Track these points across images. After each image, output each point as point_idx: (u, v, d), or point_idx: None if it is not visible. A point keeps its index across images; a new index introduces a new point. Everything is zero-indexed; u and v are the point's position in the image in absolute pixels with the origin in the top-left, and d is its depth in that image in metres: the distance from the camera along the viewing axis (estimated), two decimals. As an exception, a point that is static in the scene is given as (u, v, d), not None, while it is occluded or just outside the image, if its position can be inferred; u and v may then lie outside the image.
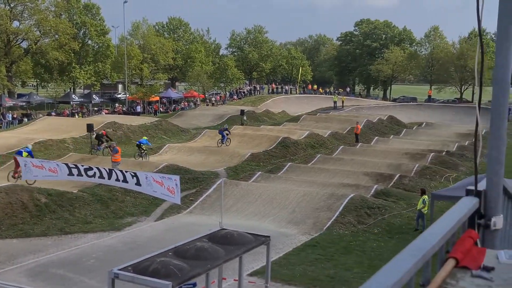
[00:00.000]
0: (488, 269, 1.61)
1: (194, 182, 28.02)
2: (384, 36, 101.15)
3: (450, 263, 1.56)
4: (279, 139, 38.19)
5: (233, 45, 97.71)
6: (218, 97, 76.39)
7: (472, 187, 1.98)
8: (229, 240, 11.46)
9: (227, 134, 39.31)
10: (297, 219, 21.79)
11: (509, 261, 1.75)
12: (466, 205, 1.86)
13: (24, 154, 27.22)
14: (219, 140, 38.93)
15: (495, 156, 1.97)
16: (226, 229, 12.23)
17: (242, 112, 52.67)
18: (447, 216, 1.73)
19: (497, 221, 1.94)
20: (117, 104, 68.47)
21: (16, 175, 25.83)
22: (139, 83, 77.12)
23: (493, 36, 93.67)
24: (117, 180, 18.76)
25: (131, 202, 24.06)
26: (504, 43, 1.94)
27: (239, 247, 11.33)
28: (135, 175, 18.16)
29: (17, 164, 25.44)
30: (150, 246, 17.12)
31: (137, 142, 34.84)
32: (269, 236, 12.18)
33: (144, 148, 33.91)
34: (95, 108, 63.23)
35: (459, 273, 1.56)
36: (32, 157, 26.58)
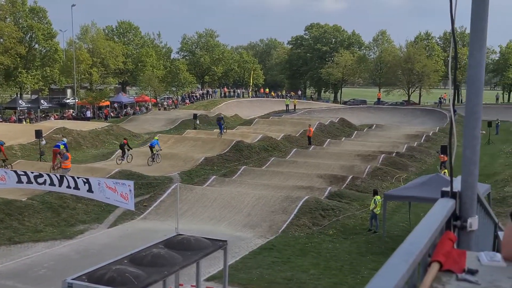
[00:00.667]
0: (473, 272, 1.59)
1: (147, 188, 27.63)
2: (333, 40, 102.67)
3: (435, 267, 1.53)
4: (233, 143, 38.10)
5: (184, 49, 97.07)
6: (170, 101, 75.66)
7: (448, 189, 1.96)
8: (185, 246, 11.29)
9: (223, 124, 43.55)
10: (252, 223, 21.76)
11: (491, 263, 1.74)
12: (444, 207, 1.84)
13: (61, 146, 30.60)
14: (218, 133, 43.21)
15: (470, 157, 1.96)
16: (182, 234, 12.06)
17: (195, 116, 52.36)
18: (428, 218, 1.70)
19: (473, 222, 1.93)
20: (66, 110, 66.80)
21: (56, 167, 29.30)
22: (89, 87, 75.50)
23: (438, 40, 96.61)
24: (68, 187, 18.25)
25: (83, 209, 23.46)
26: (477, 43, 1.93)
27: (196, 252, 11.18)
28: (87, 182, 17.70)
29: (55, 156, 30.02)
30: (104, 254, 16.71)
31: (149, 145, 35.45)
32: (226, 241, 12.07)
33: (156, 150, 34.51)
34: (44, 114, 61.44)
35: (444, 276, 1.53)
36: (67, 150, 30.61)
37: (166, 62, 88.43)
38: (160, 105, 72.97)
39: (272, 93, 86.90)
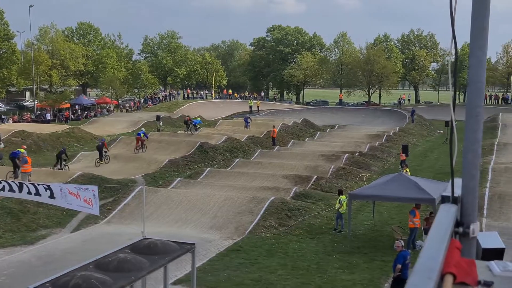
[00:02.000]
0: (489, 284, 1.49)
1: (111, 191, 27.11)
2: (295, 41, 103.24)
3: (449, 279, 1.42)
4: (197, 144, 37.81)
5: (146, 50, 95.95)
6: (132, 103, 74.66)
7: (448, 194, 1.86)
8: (152, 250, 11.06)
9: (250, 120, 50.10)
10: (219, 224, 21.59)
11: (505, 273, 1.65)
12: (448, 214, 1.74)
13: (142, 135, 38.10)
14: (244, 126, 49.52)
15: (471, 160, 1.87)
16: (149, 238, 11.81)
17: (158, 117, 51.78)
18: (438, 227, 1.60)
19: (475, 228, 1.84)
20: (25, 112, 65.05)
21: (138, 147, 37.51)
22: (48, 89, 73.74)
23: (396, 42, 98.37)
24: (29, 193, 17.62)
25: (44, 213, 22.80)
26: (478, 43, 1.84)
27: (163, 256, 10.96)
28: (48, 188, 17.14)
29: (137, 141, 38.02)
30: (68, 259, 16.23)
31: (193, 122, 46.34)
32: (194, 244, 11.89)
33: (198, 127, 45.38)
34: (1, 117, 59.66)
35: (460, 290, 1.42)
36: (147, 138, 38.94)
37: (127, 63, 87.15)
38: (122, 107, 71.89)
39: (235, 94, 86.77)
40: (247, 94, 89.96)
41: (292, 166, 33.07)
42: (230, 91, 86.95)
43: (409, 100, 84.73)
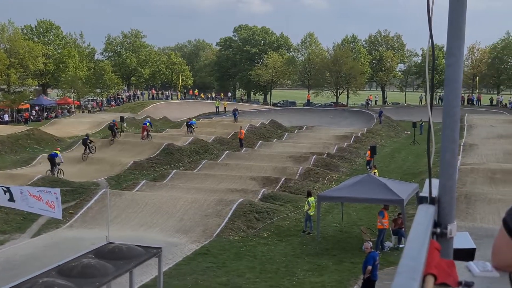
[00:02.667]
0: (469, 285, 1.51)
1: (73, 194, 26.70)
2: (262, 42, 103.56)
3: (430, 280, 1.43)
4: (163, 146, 37.56)
5: (109, 49, 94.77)
6: (95, 103, 73.61)
7: (426, 194, 1.88)
8: (117, 255, 10.91)
9: (238, 113, 52.28)
10: (186, 227, 21.47)
11: (484, 273, 1.67)
12: (428, 214, 1.75)
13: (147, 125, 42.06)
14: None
15: (448, 160, 1.89)
16: (113, 242, 11.65)
17: (122, 119, 51.09)
18: (416, 228, 1.61)
19: (453, 229, 1.86)
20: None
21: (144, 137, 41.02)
22: (6, 90, 72.03)
23: (363, 43, 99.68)
24: (-14, 196, 17.16)
25: (2, 218, 22.28)
26: (455, 42, 1.87)
27: (128, 261, 10.82)
28: (8, 190, 16.74)
29: (143, 130, 41.96)
30: (28, 265, 15.89)
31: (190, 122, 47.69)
32: (160, 248, 11.77)
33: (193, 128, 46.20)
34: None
35: (441, 291, 1.44)
36: (151, 126, 43.90)
37: (89, 63, 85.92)
38: (84, 107, 70.84)
39: (202, 95, 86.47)
40: (213, 94, 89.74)
41: (260, 168, 33.12)
42: (196, 92, 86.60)
43: (376, 101, 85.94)
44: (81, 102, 74.48)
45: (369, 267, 14.44)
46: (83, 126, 53.05)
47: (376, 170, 28.70)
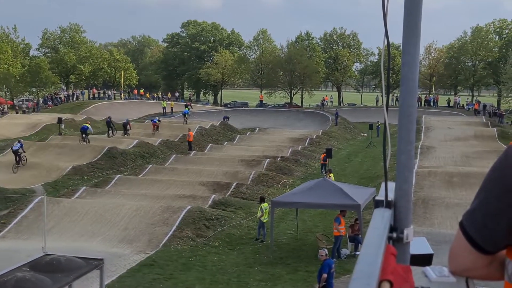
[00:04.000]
0: (426, 291, 1.55)
1: (6, 202, 26.03)
2: (212, 38, 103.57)
3: (386, 286, 1.46)
4: (105, 150, 37.02)
5: (45, 45, 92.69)
6: (30, 103, 71.74)
7: (382, 198, 1.92)
8: (55, 267, 10.71)
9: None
10: (130, 237, 21.22)
11: (441, 278, 1.71)
12: (384, 218, 1.79)
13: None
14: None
15: (405, 162, 1.94)
16: (51, 254, 11.41)
17: (60, 120, 50.00)
18: (373, 233, 1.64)
19: (409, 233, 1.90)
20: None
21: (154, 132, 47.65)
22: None
23: (318, 41, 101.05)
24: None
25: None
26: (411, 40, 1.91)
27: (68, 274, 10.64)
28: None
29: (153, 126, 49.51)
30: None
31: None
32: (102, 259, 11.62)
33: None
34: None
35: (396, 298, 1.47)
36: (159, 121, 52.39)
37: (24, 59, 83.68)
38: (18, 108, 68.86)
39: (147, 94, 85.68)
40: (160, 94, 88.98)
41: (210, 172, 33.08)
42: (142, 91, 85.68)
43: (331, 101, 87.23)
44: (15, 102, 72.41)
45: (324, 275, 14.63)
46: (17, 128, 51.54)
47: (331, 174, 29.11)
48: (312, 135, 51.12)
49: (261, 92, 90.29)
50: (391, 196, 1.98)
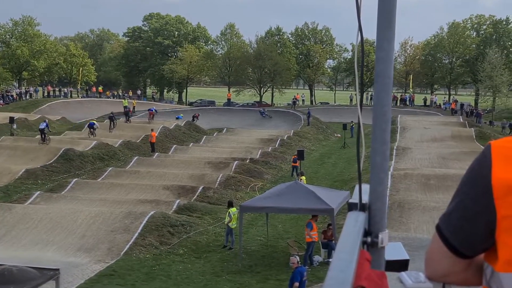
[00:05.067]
0: (402, 297, 1.57)
1: (-49, 209, 25.40)
2: (176, 33, 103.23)
3: (360, 294, 1.47)
4: (61, 151, 36.59)
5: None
6: (-21, 102, 70.53)
7: (355, 201, 1.94)
8: (7, 278, 10.65)
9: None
10: (88, 245, 21.01)
11: (417, 284, 1.74)
12: (358, 222, 1.81)
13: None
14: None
15: (379, 163, 1.96)
16: (2, 264, 11.32)
17: (12, 120, 49.23)
18: (346, 237, 1.65)
19: (384, 238, 1.93)
20: None
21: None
22: None
23: (289, 36, 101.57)
24: None
25: None
26: (385, 34, 1.94)
27: (21, 285, 10.57)
28: None
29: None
30: None
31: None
32: (58, 269, 11.58)
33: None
34: None
35: (371, 305, 1.48)
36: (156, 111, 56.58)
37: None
38: (-35, 106, 67.66)
39: (107, 92, 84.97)
40: (120, 92, 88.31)
41: (175, 176, 32.97)
42: (101, 89, 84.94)
43: (303, 100, 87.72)
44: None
45: (296, 284, 14.70)
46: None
47: (303, 177, 29.26)
48: (283, 135, 51.33)
49: (229, 90, 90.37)
50: (365, 199, 1.99)
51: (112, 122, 50.19)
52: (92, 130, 46.30)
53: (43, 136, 40.39)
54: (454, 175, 28.33)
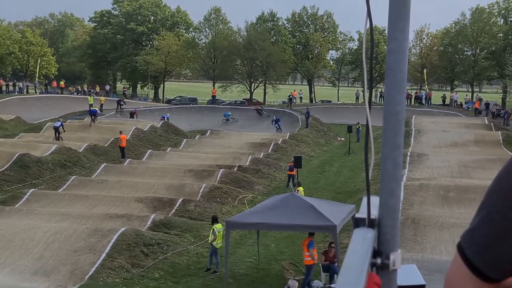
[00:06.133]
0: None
1: None
2: (152, 18, 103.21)
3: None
4: (14, 157, 36.47)
5: None
6: None
7: (362, 215, 1.95)
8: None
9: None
10: (47, 267, 20.98)
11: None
12: (366, 241, 1.82)
13: None
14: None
15: (391, 171, 1.97)
16: None
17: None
18: (352, 258, 1.66)
19: (396, 259, 1.94)
20: None
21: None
22: None
23: (285, 22, 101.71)
24: None
25: None
26: (398, 23, 1.95)
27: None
28: None
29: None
30: None
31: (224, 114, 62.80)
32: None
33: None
34: None
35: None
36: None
37: None
38: None
39: (70, 88, 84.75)
40: (86, 87, 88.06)
41: (149, 186, 32.93)
42: (62, 83, 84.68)
43: (301, 98, 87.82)
44: None
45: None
46: None
47: (301, 188, 29.30)
48: (277, 139, 51.37)
49: (213, 86, 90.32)
50: (374, 213, 2.01)
51: (119, 106, 59.99)
52: (93, 117, 53.22)
53: (57, 134, 46.46)
54: (477, 187, 28.41)
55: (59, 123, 47.79)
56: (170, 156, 43.87)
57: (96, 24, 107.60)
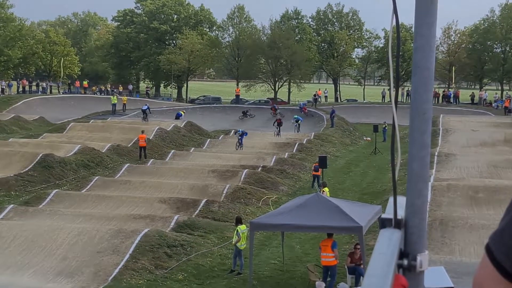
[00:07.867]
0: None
1: None
2: (176, 16, 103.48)
3: (394, 326, 1.48)
4: (38, 158, 36.75)
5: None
6: None
7: (389, 216, 1.94)
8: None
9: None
10: (70, 269, 21.10)
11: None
12: (392, 241, 1.81)
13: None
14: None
15: (418, 171, 1.96)
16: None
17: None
18: (378, 260, 1.66)
19: (423, 260, 1.93)
20: None
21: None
22: None
23: (310, 20, 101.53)
24: None
25: None
26: (425, 19, 1.94)
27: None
28: None
29: None
30: None
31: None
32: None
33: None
34: None
35: None
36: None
37: None
38: None
39: (93, 87, 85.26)
40: (109, 87, 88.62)
41: (173, 186, 33.00)
42: (85, 83, 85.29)
43: (326, 97, 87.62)
44: None
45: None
46: None
47: (326, 189, 29.22)
48: (302, 139, 51.28)
49: (237, 85, 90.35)
50: (401, 214, 2.00)
51: (145, 115, 57.79)
52: (145, 115, 56.66)
53: (144, 115, 55.96)
54: (507, 187, 28.16)
55: (146, 106, 56.73)
56: (193, 156, 43.95)
57: (119, 23, 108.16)
